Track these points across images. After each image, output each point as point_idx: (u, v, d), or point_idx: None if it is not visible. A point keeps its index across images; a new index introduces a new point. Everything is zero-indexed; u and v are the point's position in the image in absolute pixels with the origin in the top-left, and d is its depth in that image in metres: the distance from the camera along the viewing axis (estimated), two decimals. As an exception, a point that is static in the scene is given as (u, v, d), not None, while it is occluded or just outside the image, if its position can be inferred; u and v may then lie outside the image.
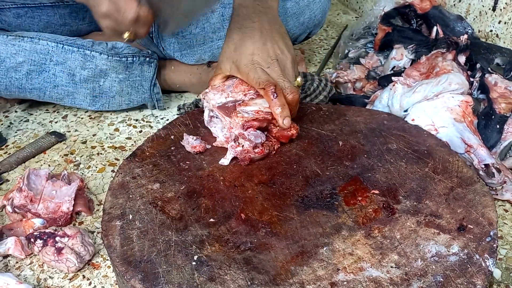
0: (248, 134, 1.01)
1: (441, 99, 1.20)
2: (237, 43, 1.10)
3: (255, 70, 1.06)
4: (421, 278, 0.77)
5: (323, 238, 0.85)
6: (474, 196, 0.92)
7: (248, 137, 1.01)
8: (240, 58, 1.08)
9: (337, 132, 1.10)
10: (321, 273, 0.78)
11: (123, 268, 0.79)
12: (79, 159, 1.32)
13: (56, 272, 1.00)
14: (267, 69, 1.07)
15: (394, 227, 0.86)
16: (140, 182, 0.98)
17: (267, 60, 1.08)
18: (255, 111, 1.04)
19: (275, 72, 1.07)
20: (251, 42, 1.09)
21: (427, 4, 1.58)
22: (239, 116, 1.03)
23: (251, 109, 1.04)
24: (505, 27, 1.49)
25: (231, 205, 0.92)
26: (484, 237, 0.83)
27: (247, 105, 1.05)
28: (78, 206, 1.12)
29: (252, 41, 1.09)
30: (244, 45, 1.09)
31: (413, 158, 1.02)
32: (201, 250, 0.83)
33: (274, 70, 1.07)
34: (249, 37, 1.10)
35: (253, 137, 1.01)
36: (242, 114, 1.04)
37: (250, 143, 1.01)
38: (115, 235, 0.86)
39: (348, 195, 0.93)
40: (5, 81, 1.37)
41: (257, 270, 0.79)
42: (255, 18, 1.13)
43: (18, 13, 1.46)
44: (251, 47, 1.09)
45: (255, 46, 1.09)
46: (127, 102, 1.48)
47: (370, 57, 1.60)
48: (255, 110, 1.04)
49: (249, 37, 1.10)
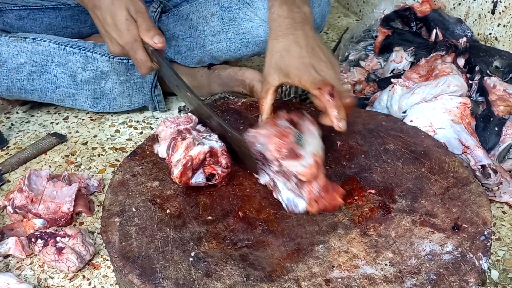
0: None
1: (439, 101, 1.20)
2: (283, 51, 1.04)
3: (309, 72, 1.00)
4: (415, 276, 0.78)
5: (319, 236, 0.86)
6: (469, 196, 0.92)
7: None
8: (290, 63, 1.02)
9: (336, 132, 1.11)
10: (316, 270, 0.79)
11: (121, 264, 0.81)
12: (79, 160, 1.33)
13: (56, 272, 1.01)
14: (320, 71, 1.01)
15: (390, 225, 0.87)
16: (139, 180, 0.99)
17: (320, 62, 1.02)
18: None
19: (330, 74, 1.01)
20: (299, 47, 1.04)
21: (427, 7, 1.59)
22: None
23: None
24: (504, 30, 1.50)
25: (229, 203, 0.93)
26: (478, 236, 0.84)
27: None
28: (78, 206, 1.13)
29: (299, 46, 1.04)
30: (291, 51, 1.04)
31: (410, 158, 1.03)
32: (199, 246, 0.84)
33: (329, 73, 1.01)
34: (295, 43, 1.05)
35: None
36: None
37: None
38: (114, 231, 0.87)
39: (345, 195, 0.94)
40: (6, 82, 1.38)
41: (253, 267, 0.80)
42: (297, 27, 1.08)
43: (20, 15, 1.47)
44: (299, 50, 1.04)
45: (303, 50, 1.04)
46: (128, 104, 1.49)
47: (370, 60, 1.60)
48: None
49: (295, 43, 1.05)
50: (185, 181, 0.95)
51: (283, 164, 0.89)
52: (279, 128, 0.94)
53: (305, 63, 1.01)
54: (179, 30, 1.49)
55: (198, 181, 0.96)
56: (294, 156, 0.89)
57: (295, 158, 0.89)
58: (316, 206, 0.88)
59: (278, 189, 0.91)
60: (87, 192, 1.20)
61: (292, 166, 0.88)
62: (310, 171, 0.86)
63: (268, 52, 1.07)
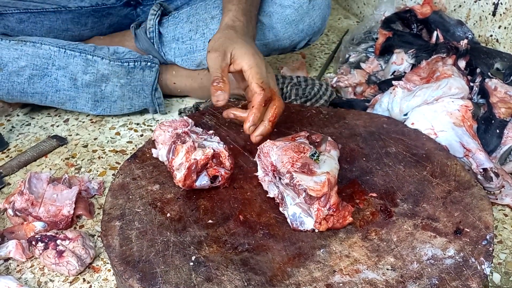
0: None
1: (440, 103, 1.20)
2: (243, 42, 1.06)
3: (262, 68, 1.02)
4: (417, 281, 0.77)
5: (320, 240, 0.85)
6: (471, 199, 0.92)
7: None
8: (245, 47, 1.04)
9: (337, 135, 1.11)
10: (317, 274, 0.79)
11: (121, 268, 0.80)
12: (80, 163, 1.33)
13: (56, 275, 1.01)
14: (268, 74, 1.04)
15: (391, 230, 0.87)
16: (140, 183, 0.99)
17: (269, 70, 1.06)
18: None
19: (273, 80, 1.05)
20: (255, 48, 1.07)
21: (428, 9, 1.59)
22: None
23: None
24: (505, 32, 1.49)
25: (229, 207, 0.93)
26: (481, 241, 0.83)
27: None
28: (78, 209, 1.13)
29: (255, 48, 1.07)
30: (250, 45, 1.06)
31: (411, 161, 1.02)
32: (199, 251, 0.83)
33: (273, 79, 1.05)
34: (252, 44, 1.08)
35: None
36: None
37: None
38: (115, 235, 0.87)
39: (346, 198, 0.94)
40: (7, 85, 1.38)
41: (254, 271, 0.79)
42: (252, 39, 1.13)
43: (20, 18, 1.47)
44: (256, 50, 1.06)
45: (259, 53, 1.06)
46: (129, 107, 1.49)
47: (370, 62, 1.60)
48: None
49: (252, 44, 1.08)
50: (189, 185, 0.94)
51: (295, 177, 0.87)
52: (296, 143, 0.94)
53: (260, 57, 1.04)
54: (180, 33, 1.49)
55: (203, 184, 0.96)
56: (307, 171, 0.89)
57: (308, 173, 0.88)
58: (325, 224, 0.87)
59: (285, 203, 0.90)
60: (88, 195, 1.19)
61: (304, 180, 0.87)
62: (321, 188, 0.86)
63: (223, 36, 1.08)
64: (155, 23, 1.50)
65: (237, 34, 1.08)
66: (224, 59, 1.03)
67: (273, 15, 1.43)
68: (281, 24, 1.44)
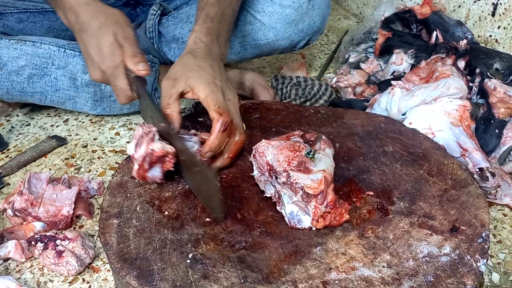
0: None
1: (439, 103, 1.20)
2: (197, 68, 1.05)
3: (218, 94, 1.01)
4: (412, 278, 0.78)
5: (316, 238, 0.86)
6: (467, 198, 0.92)
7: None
8: (202, 79, 1.02)
9: (334, 135, 1.11)
10: (313, 272, 0.79)
11: (119, 265, 0.81)
12: (79, 163, 1.33)
13: (56, 276, 1.01)
14: (227, 99, 1.03)
15: (388, 227, 0.87)
16: (138, 181, 0.99)
17: (229, 92, 1.05)
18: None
19: (234, 107, 1.04)
20: (213, 71, 1.06)
21: (427, 9, 1.59)
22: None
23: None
24: (504, 32, 1.50)
25: (227, 205, 0.93)
26: (476, 238, 0.84)
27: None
28: (78, 209, 1.13)
29: (213, 71, 1.06)
30: (206, 70, 1.05)
31: (408, 160, 1.03)
32: (196, 248, 0.84)
33: (234, 106, 1.04)
34: (210, 67, 1.06)
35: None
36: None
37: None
38: (112, 233, 0.87)
39: (343, 196, 0.94)
40: (7, 85, 1.38)
41: (251, 269, 0.80)
42: (215, 59, 1.11)
43: (20, 17, 1.47)
44: (213, 73, 1.05)
45: (217, 75, 1.05)
46: (129, 107, 1.50)
47: (370, 62, 1.61)
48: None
49: (210, 67, 1.06)
50: (141, 174, 0.96)
51: (292, 176, 0.88)
52: (291, 142, 0.95)
53: (217, 85, 1.02)
54: (179, 32, 1.49)
55: (155, 175, 0.96)
56: (303, 169, 0.89)
57: (304, 171, 0.89)
58: (322, 222, 0.87)
59: (282, 202, 0.90)
60: (87, 195, 1.20)
61: (300, 178, 0.87)
62: (318, 185, 0.86)
63: (181, 63, 1.07)
64: (155, 23, 1.50)
65: (195, 60, 1.07)
66: (174, 86, 1.03)
67: (273, 15, 1.43)
68: (281, 23, 1.44)
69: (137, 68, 1.05)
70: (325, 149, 0.96)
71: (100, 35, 1.08)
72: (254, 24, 1.43)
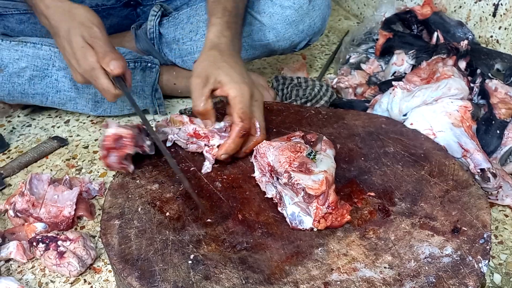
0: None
1: (440, 104, 1.20)
2: (224, 63, 1.04)
3: (246, 95, 1.01)
4: (414, 279, 0.77)
5: (318, 239, 0.86)
6: (469, 199, 0.92)
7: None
8: (230, 75, 1.02)
9: (335, 135, 1.11)
10: (315, 273, 0.79)
11: (120, 266, 0.81)
12: (81, 164, 1.33)
13: (57, 276, 1.01)
14: (254, 101, 1.03)
15: (389, 228, 0.87)
16: (139, 182, 0.99)
17: (256, 92, 1.05)
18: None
19: (259, 109, 1.04)
20: (240, 69, 1.05)
21: (428, 10, 1.59)
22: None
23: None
24: (505, 33, 1.50)
25: (228, 206, 0.93)
26: (478, 239, 0.84)
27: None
28: (79, 210, 1.13)
29: (240, 68, 1.05)
30: (233, 68, 1.04)
31: (409, 161, 1.02)
32: (198, 249, 0.84)
33: (259, 107, 1.04)
34: (237, 64, 1.06)
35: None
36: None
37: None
38: (114, 234, 0.87)
39: (344, 197, 0.94)
40: (8, 87, 1.38)
41: (252, 269, 0.80)
42: (238, 55, 1.11)
43: (21, 19, 1.47)
44: (241, 72, 1.04)
45: (244, 73, 1.04)
46: (129, 107, 1.50)
47: (371, 63, 1.61)
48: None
49: (237, 64, 1.06)
50: (105, 162, 0.98)
51: (293, 176, 0.88)
52: (292, 143, 0.95)
53: (247, 85, 1.02)
54: (180, 33, 1.49)
55: (112, 161, 0.98)
56: (305, 170, 0.89)
57: (305, 172, 0.89)
58: (324, 222, 0.87)
59: (284, 203, 0.90)
60: (88, 196, 1.20)
61: (302, 179, 0.87)
62: (320, 186, 0.86)
63: (207, 60, 1.05)
64: (156, 24, 1.50)
65: (222, 56, 1.06)
66: (206, 85, 1.02)
67: (274, 15, 1.43)
68: (282, 24, 1.44)
69: (110, 69, 1.05)
70: (326, 150, 0.96)
71: (69, 38, 1.09)
72: (255, 25, 1.43)
